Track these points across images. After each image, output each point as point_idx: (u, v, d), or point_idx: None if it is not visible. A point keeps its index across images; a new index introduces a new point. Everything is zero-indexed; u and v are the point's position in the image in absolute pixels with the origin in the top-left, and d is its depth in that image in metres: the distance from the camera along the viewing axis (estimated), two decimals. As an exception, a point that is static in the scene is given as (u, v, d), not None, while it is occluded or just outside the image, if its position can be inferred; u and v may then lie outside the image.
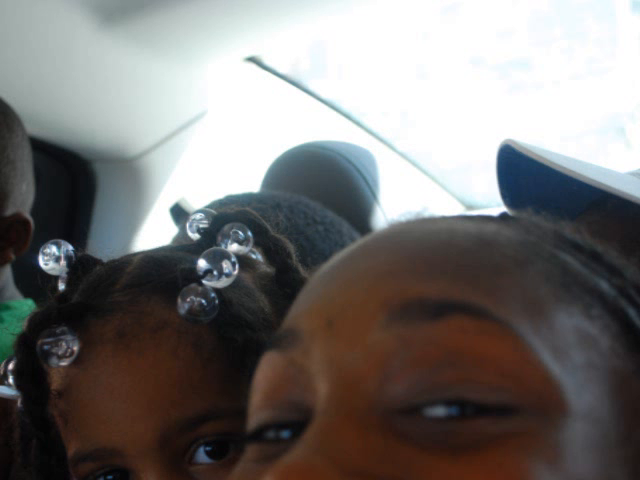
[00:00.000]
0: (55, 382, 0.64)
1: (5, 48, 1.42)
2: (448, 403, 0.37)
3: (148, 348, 0.61)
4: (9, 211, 1.21)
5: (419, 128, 2.60)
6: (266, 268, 0.72)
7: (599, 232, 0.50)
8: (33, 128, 1.48)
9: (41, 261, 0.70)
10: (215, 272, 0.63)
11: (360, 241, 0.47)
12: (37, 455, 0.65)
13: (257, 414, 0.44)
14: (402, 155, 2.13)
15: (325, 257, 0.51)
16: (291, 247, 0.71)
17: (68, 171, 1.80)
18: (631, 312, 0.43)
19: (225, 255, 0.64)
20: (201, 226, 0.70)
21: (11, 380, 0.65)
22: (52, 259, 0.69)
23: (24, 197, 1.25)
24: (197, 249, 0.67)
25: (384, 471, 0.35)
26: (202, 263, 0.63)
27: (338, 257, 0.46)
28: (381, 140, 2.10)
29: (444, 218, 0.48)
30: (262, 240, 0.69)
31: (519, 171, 0.77)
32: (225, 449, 0.61)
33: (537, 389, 0.37)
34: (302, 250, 0.74)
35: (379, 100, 2.46)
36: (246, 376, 0.56)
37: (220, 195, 1.19)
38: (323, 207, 1.22)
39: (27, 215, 1.24)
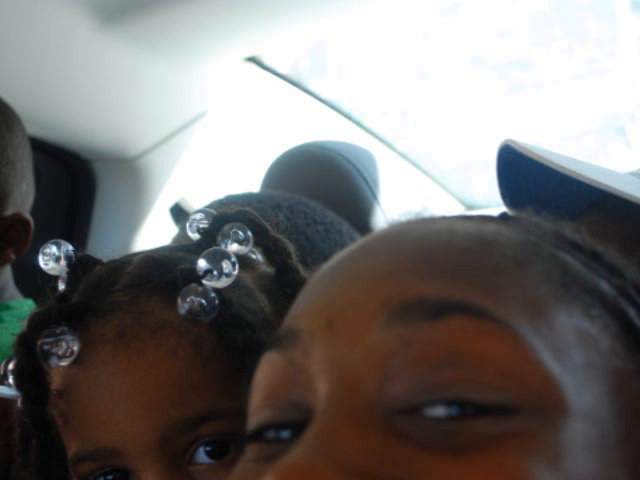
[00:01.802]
0: (55, 382, 0.64)
1: (5, 48, 1.42)
2: (448, 403, 0.37)
3: (148, 348, 0.61)
4: (9, 211, 1.21)
5: (419, 128, 2.60)
6: (266, 268, 0.72)
7: (599, 232, 0.50)
8: (33, 128, 1.48)
9: (41, 261, 0.70)
10: (215, 272, 0.63)
11: (360, 241, 0.47)
12: (37, 455, 0.65)
13: (257, 414, 0.44)
14: (402, 155, 2.12)
15: (325, 257, 0.51)
16: (291, 247, 0.71)
17: (68, 171, 1.80)
18: (631, 312, 0.43)
19: (225, 255, 0.64)
20: (201, 226, 0.70)
21: (11, 380, 0.65)
22: (52, 259, 0.69)
23: (24, 197, 1.25)
24: (197, 249, 0.67)
25: (384, 471, 0.35)
26: (202, 263, 0.63)
27: (338, 257, 0.46)
28: (381, 140, 2.10)
29: (444, 218, 0.48)
30: (262, 240, 0.69)
31: (519, 171, 0.77)
32: (225, 449, 0.61)
33: (537, 389, 0.37)
34: (302, 250, 0.74)
35: (379, 100, 2.46)
36: (246, 376, 0.56)
37: (220, 195, 1.19)
38: (323, 207, 1.22)
39: (27, 215, 1.24)
